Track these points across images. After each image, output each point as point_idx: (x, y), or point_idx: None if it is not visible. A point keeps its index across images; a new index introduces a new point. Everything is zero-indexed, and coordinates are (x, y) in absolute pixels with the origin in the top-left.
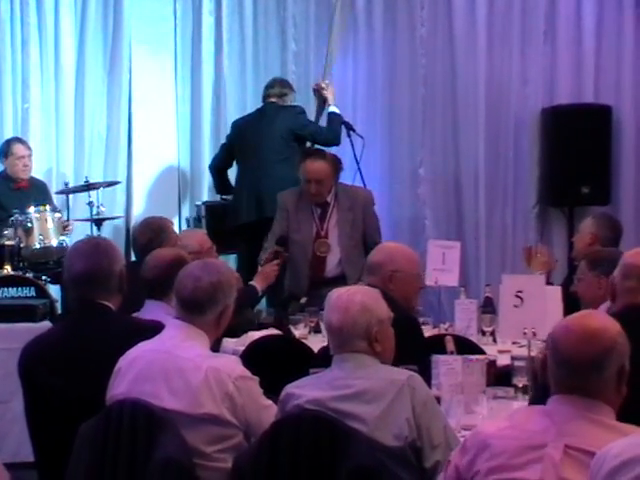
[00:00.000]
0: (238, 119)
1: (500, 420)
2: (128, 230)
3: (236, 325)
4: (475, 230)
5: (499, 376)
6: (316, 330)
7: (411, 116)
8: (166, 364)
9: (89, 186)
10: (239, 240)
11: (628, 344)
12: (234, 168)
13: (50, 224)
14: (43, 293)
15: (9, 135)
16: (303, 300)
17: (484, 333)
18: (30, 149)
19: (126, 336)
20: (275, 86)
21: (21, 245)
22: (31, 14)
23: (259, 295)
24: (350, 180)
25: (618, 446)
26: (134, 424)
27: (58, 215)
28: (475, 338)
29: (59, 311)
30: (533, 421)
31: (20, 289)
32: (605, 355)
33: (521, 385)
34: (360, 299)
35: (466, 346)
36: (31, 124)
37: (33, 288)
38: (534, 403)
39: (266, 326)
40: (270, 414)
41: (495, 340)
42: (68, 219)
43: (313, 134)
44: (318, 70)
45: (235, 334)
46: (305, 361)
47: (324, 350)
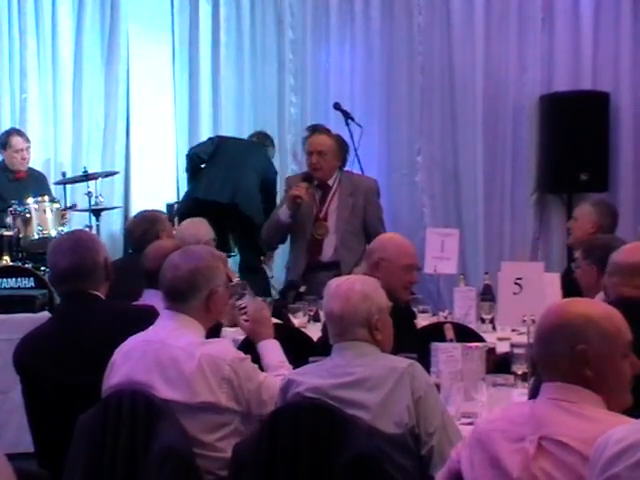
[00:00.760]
0: (224, 135)
1: (498, 411)
2: (127, 220)
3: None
4: (474, 217)
5: (498, 363)
6: (315, 319)
7: (409, 104)
8: (160, 354)
9: (87, 176)
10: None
11: (606, 329)
12: None
13: (49, 215)
14: (42, 283)
15: (7, 126)
16: (302, 289)
17: (483, 321)
18: (29, 141)
19: (118, 321)
20: (258, 135)
21: (20, 236)
22: (28, 4)
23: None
24: (348, 168)
25: (620, 431)
26: (133, 414)
27: (57, 206)
28: (474, 326)
29: (58, 301)
30: (519, 412)
31: (19, 279)
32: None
33: (520, 372)
34: (360, 287)
35: (465, 334)
36: (29, 114)
37: (32, 278)
38: (534, 389)
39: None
40: (268, 388)
41: (494, 327)
42: (66, 209)
43: (272, 202)
44: (315, 58)
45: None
46: (304, 350)
47: (323, 338)
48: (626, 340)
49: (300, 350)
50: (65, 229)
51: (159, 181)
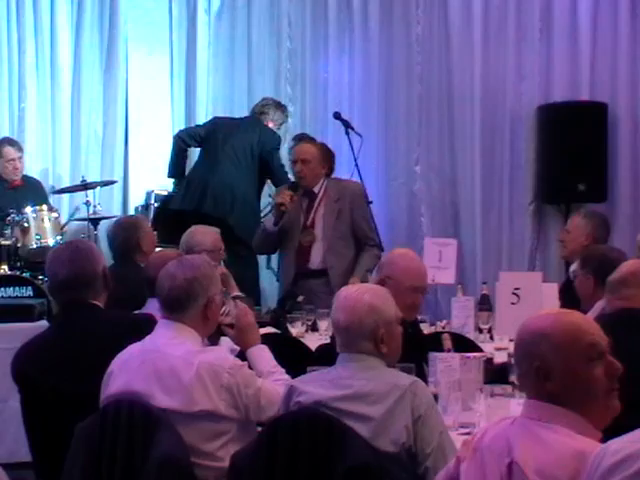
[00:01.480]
0: (221, 116)
1: (491, 425)
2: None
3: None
4: (471, 227)
5: (496, 373)
6: (313, 328)
7: (407, 114)
8: (157, 363)
9: (86, 186)
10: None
11: (559, 341)
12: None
13: (47, 224)
14: (40, 292)
15: (5, 134)
16: (300, 298)
17: (481, 330)
18: (21, 150)
19: (117, 331)
20: (260, 103)
21: (18, 245)
22: (27, 13)
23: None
24: (348, 176)
25: (617, 442)
26: (131, 423)
27: (55, 215)
28: (472, 335)
29: (56, 310)
30: (501, 431)
31: (17, 289)
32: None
33: (518, 382)
34: (368, 299)
35: (463, 343)
36: (27, 123)
37: (30, 287)
38: None
39: (263, 325)
40: (266, 393)
41: (492, 337)
42: (66, 223)
43: (276, 169)
44: (313, 67)
45: None
46: (302, 359)
47: (321, 348)
48: (586, 344)
49: (298, 360)
50: (64, 238)
51: (158, 189)
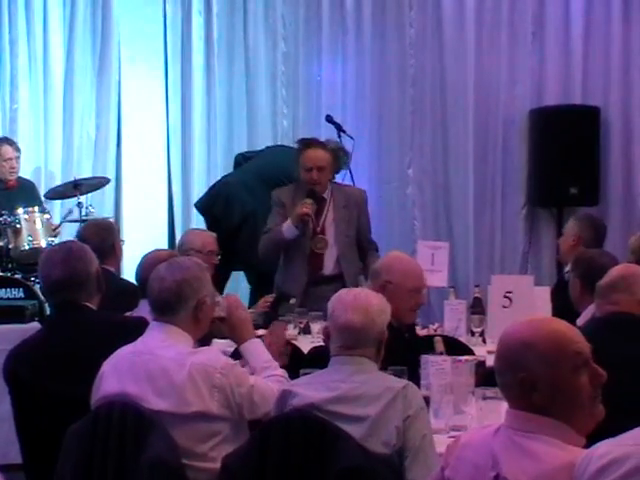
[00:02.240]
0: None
1: (473, 433)
2: (118, 231)
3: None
4: (464, 231)
5: (488, 376)
6: (305, 331)
7: (400, 117)
8: (149, 365)
9: (77, 185)
10: None
11: (545, 351)
12: None
13: (39, 225)
14: (32, 294)
15: None
16: (293, 301)
17: (473, 334)
18: (19, 150)
19: (110, 333)
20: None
21: (10, 246)
22: (19, 14)
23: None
24: (340, 180)
25: (604, 446)
26: (123, 425)
27: (47, 216)
28: (464, 339)
29: (48, 312)
30: (483, 441)
31: (9, 290)
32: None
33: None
34: (377, 302)
35: (455, 347)
36: (20, 124)
37: (22, 289)
38: None
39: (255, 327)
40: (258, 391)
41: (484, 340)
42: (59, 225)
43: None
44: (307, 70)
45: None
46: (295, 362)
47: (314, 351)
48: (572, 353)
49: (290, 362)
50: (57, 240)
51: (150, 192)
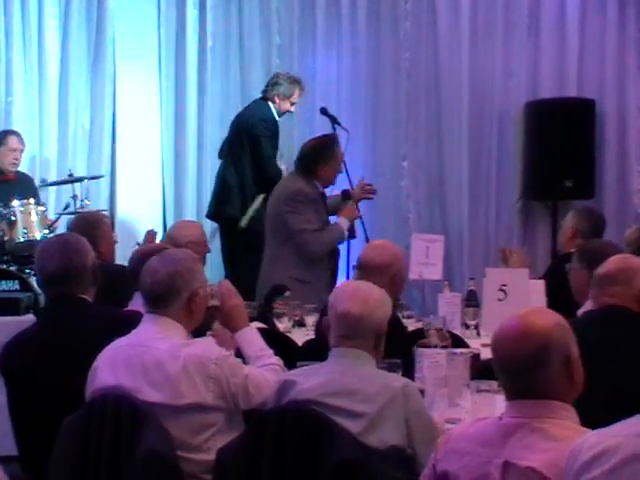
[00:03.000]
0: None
1: (466, 425)
2: (112, 224)
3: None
4: (459, 224)
5: (482, 369)
6: (300, 324)
7: (395, 109)
8: (143, 357)
9: (73, 180)
10: None
11: (571, 334)
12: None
13: (34, 217)
14: (27, 286)
15: None
16: (287, 294)
17: (468, 326)
18: (23, 144)
19: (105, 326)
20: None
21: (5, 238)
22: (15, 5)
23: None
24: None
25: (593, 437)
26: (117, 417)
27: (42, 208)
28: (459, 331)
29: (43, 304)
30: (484, 430)
31: (4, 282)
32: (543, 351)
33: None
34: (378, 294)
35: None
36: (14, 117)
37: (17, 281)
38: None
39: (250, 320)
40: (253, 380)
41: (479, 333)
42: (57, 219)
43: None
44: (301, 63)
45: None
46: (289, 355)
47: (308, 344)
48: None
49: (285, 355)
50: (52, 234)
51: (144, 185)
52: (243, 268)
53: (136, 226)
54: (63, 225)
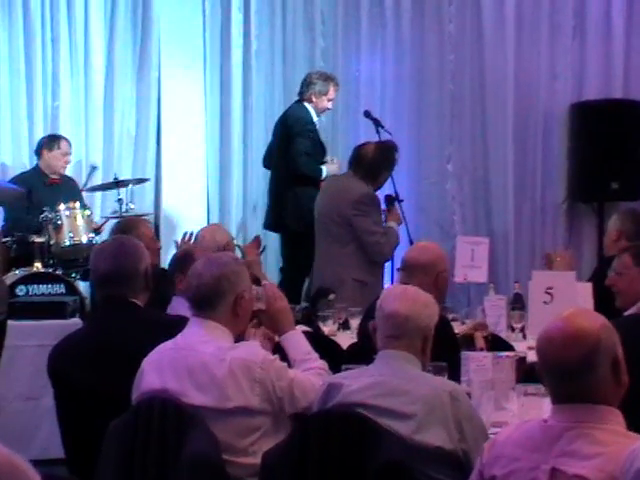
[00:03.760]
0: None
1: (510, 431)
2: (157, 227)
3: None
4: (504, 226)
5: (529, 373)
6: (345, 327)
7: (439, 112)
8: (189, 361)
9: (118, 183)
10: None
11: (615, 334)
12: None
13: (80, 221)
14: (73, 290)
15: (39, 133)
16: (332, 296)
17: (513, 329)
18: (71, 147)
19: (152, 330)
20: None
21: (51, 242)
22: (61, 11)
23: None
24: None
25: None
26: (163, 421)
27: (87, 212)
28: (504, 334)
29: (88, 308)
30: (530, 436)
31: (50, 286)
32: (593, 354)
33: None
34: (425, 297)
35: (496, 343)
36: (61, 121)
37: (63, 285)
38: None
39: (295, 323)
40: (299, 384)
41: (525, 337)
42: (104, 223)
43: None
44: (345, 65)
45: None
46: (334, 358)
47: (353, 347)
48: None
49: (330, 358)
50: (97, 237)
51: (189, 188)
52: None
53: (181, 230)
54: (109, 229)
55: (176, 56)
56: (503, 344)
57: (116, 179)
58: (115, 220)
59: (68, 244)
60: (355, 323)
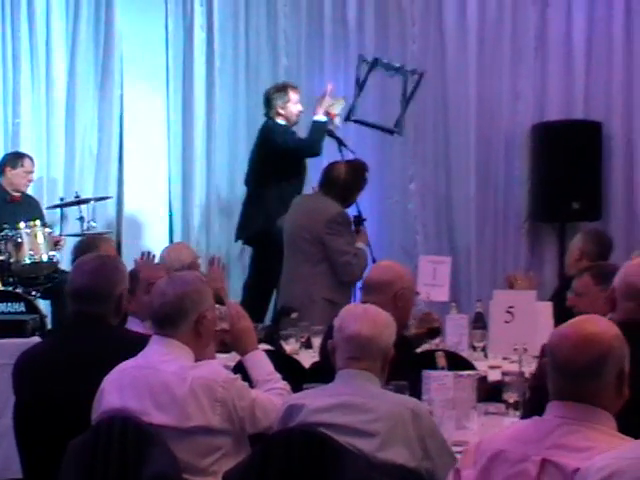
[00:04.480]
0: None
1: (504, 429)
2: (119, 245)
3: None
4: (466, 245)
5: (490, 392)
6: (307, 346)
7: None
8: (150, 379)
9: (80, 201)
10: None
11: (626, 347)
12: None
13: (40, 239)
14: (33, 308)
15: (0, 150)
16: (294, 315)
17: (475, 348)
18: (34, 166)
19: (116, 348)
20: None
21: (11, 260)
22: (22, 28)
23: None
24: None
25: (603, 459)
26: (124, 440)
27: (48, 230)
28: (466, 353)
29: (49, 326)
30: (523, 429)
31: (10, 304)
32: (602, 360)
33: (512, 401)
34: (385, 316)
35: (457, 361)
36: (22, 138)
37: (23, 303)
38: (526, 416)
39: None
40: (260, 405)
41: (486, 355)
42: (60, 234)
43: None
44: (309, 84)
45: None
46: (296, 377)
47: (315, 366)
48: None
49: (292, 377)
50: (58, 255)
51: (152, 206)
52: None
53: (143, 248)
54: (69, 247)
55: (139, 73)
56: (464, 363)
57: (77, 197)
58: (77, 238)
59: (28, 262)
60: (317, 342)
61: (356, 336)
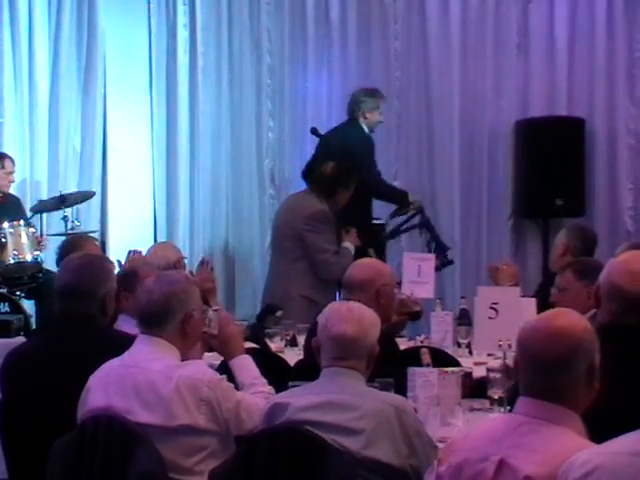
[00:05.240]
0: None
1: (473, 428)
2: (104, 245)
3: None
4: (450, 242)
5: (475, 388)
6: (292, 344)
7: (386, 129)
8: (136, 378)
9: (64, 201)
10: None
11: (596, 340)
12: None
13: (24, 239)
14: (17, 308)
15: None
16: (279, 313)
17: (460, 345)
18: (15, 167)
19: (103, 347)
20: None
21: None
22: (4, 27)
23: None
24: None
25: (585, 455)
26: (109, 439)
27: (32, 230)
28: (451, 350)
29: (33, 326)
30: (491, 427)
31: None
32: (573, 353)
33: (497, 397)
34: (370, 315)
35: (442, 358)
36: (5, 139)
37: (7, 303)
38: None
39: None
40: (245, 407)
41: (471, 352)
42: (42, 234)
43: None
44: (292, 82)
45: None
46: (281, 375)
47: (301, 364)
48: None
49: (277, 375)
50: (42, 255)
51: (136, 206)
52: None
53: (128, 247)
54: (52, 246)
55: (122, 72)
56: (449, 359)
57: (62, 195)
58: (62, 238)
59: (12, 262)
60: (302, 340)
61: (341, 336)
